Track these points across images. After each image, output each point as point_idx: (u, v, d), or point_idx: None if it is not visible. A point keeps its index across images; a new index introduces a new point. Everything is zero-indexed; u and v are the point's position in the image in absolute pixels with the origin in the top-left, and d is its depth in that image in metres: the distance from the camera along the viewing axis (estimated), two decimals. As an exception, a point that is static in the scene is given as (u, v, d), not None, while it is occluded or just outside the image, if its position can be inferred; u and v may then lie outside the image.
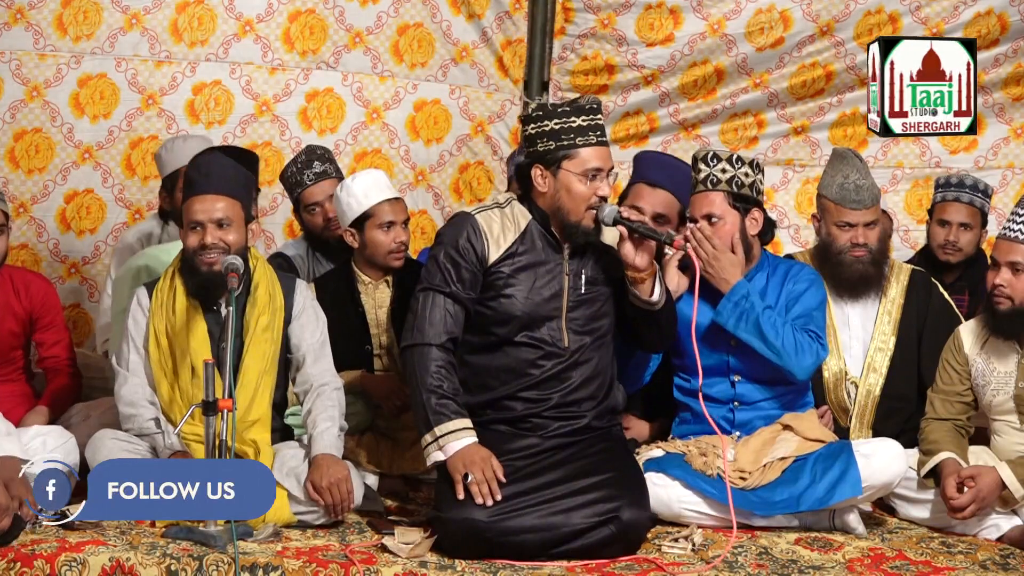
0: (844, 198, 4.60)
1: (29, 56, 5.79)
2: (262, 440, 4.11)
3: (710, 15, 6.03)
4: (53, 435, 4.19)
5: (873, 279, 4.69)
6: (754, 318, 4.26)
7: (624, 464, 4.04)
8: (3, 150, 5.77)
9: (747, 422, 4.37)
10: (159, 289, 4.21)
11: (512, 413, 4.04)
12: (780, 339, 4.26)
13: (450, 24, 6.12)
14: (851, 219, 4.61)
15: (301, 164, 5.07)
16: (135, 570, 3.68)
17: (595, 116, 3.98)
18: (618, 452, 4.09)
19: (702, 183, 4.37)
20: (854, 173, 4.61)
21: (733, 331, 4.29)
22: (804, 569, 3.82)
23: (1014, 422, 4.28)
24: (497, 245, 4.02)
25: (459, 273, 3.98)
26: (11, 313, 4.64)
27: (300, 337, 4.26)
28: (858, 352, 4.68)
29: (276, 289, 4.25)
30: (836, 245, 4.65)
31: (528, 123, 4.03)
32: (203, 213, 4.08)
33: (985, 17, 5.86)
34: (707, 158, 4.37)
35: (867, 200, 4.60)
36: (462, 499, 3.82)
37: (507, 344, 4.03)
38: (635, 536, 3.91)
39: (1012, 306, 4.20)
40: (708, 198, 4.36)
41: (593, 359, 4.07)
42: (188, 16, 5.91)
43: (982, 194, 5.24)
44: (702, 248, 4.32)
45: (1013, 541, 4.13)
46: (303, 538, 3.95)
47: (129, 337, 4.21)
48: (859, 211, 4.60)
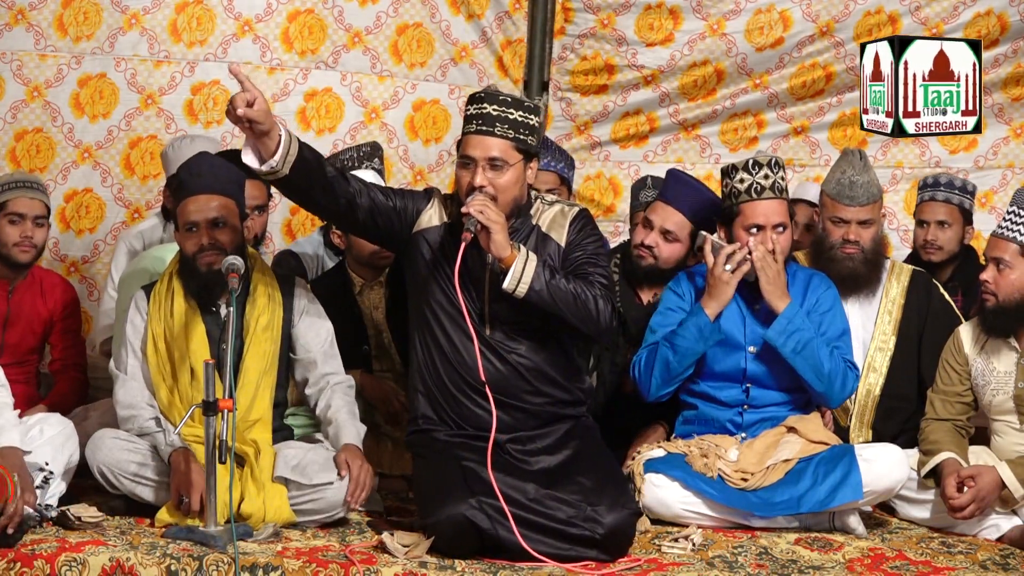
0: (839, 193, 4.61)
1: (30, 56, 5.79)
2: (263, 440, 4.11)
3: (710, 15, 6.03)
4: (50, 422, 4.15)
5: (863, 278, 4.67)
6: (808, 341, 4.26)
7: (600, 465, 4.00)
8: (4, 150, 5.77)
9: (754, 424, 4.37)
10: (156, 292, 4.21)
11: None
12: (829, 368, 4.27)
13: (449, 24, 6.12)
14: (844, 215, 4.61)
15: (363, 155, 5.06)
16: (135, 570, 3.67)
17: (479, 105, 3.96)
18: (592, 452, 4.04)
19: (769, 189, 4.33)
20: (851, 169, 4.61)
21: (786, 354, 4.26)
22: (804, 569, 3.82)
23: (1014, 422, 4.28)
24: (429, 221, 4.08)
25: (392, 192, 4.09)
26: (36, 315, 4.67)
27: (308, 339, 4.26)
28: (858, 351, 4.67)
29: (275, 288, 4.25)
30: (829, 240, 4.65)
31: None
32: (198, 213, 4.08)
33: (985, 17, 5.86)
34: (771, 164, 4.33)
35: (861, 197, 4.59)
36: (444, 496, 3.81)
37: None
38: (623, 538, 3.87)
39: (996, 303, 4.21)
40: (782, 207, 4.34)
41: (521, 350, 4.02)
42: (187, 16, 5.91)
43: (960, 191, 5.22)
44: (766, 262, 4.29)
45: (1013, 541, 4.13)
46: (303, 538, 3.95)
47: (127, 341, 4.21)
48: (852, 207, 4.60)
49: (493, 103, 3.95)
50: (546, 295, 3.88)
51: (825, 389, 4.30)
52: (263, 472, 4.03)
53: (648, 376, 4.36)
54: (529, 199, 4.09)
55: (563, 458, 4.02)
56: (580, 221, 4.09)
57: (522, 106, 3.98)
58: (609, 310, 3.95)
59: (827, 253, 4.66)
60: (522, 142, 3.96)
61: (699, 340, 4.28)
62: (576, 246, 4.05)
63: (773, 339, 4.28)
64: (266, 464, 4.04)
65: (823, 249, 4.68)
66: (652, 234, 4.64)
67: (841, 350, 4.34)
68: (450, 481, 3.85)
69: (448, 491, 3.82)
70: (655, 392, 4.38)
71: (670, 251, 4.62)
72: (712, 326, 4.28)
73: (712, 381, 4.42)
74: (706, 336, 4.28)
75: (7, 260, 4.64)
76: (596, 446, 4.10)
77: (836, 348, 4.32)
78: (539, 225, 4.07)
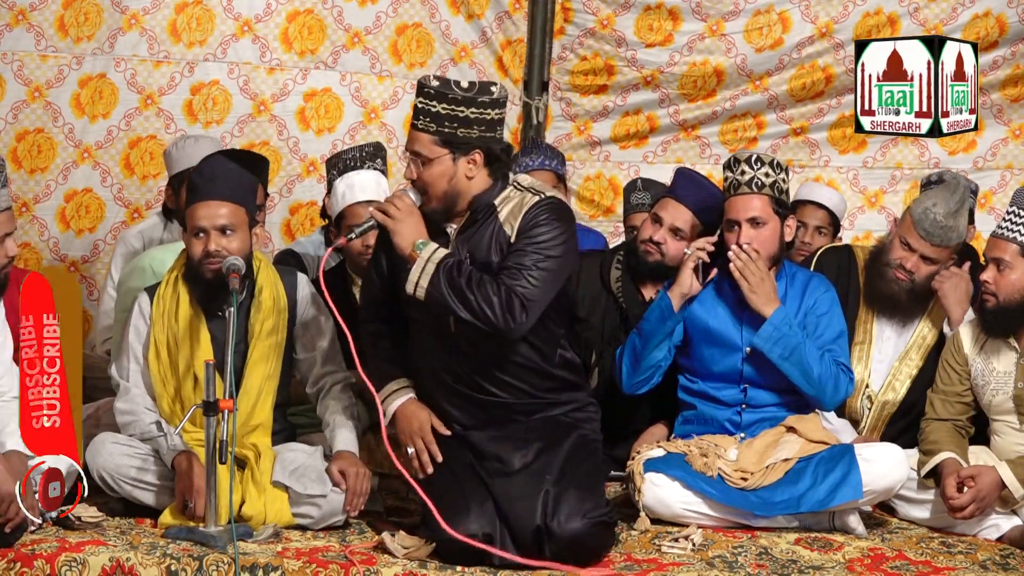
0: (919, 222, 4.52)
1: (31, 57, 5.79)
2: (263, 444, 4.11)
3: (709, 16, 6.03)
4: None
5: (901, 307, 4.61)
6: (795, 347, 4.26)
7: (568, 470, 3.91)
8: (6, 150, 5.76)
9: (753, 424, 4.37)
10: (160, 296, 4.19)
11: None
12: (818, 372, 4.27)
13: (449, 24, 6.12)
14: (913, 243, 4.54)
15: (367, 155, 5.06)
16: (135, 570, 3.68)
17: (423, 100, 3.88)
18: (568, 452, 3.96)
19: (746, 185, 4.33)
20: (942, 209, 4.49)
21: (774, 360, 4.27)
22: (804, 569, 3.83)
23: (1013, 422, 4.29)
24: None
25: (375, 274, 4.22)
26: None
27: (310, 341, 4.27)
28: (883, 370, 4.65)
29: (280, 292, 4.24)
30: (887, 256, 4.60)
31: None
32: (207, 219, 4.05)
33: (983, 19, 5.87)
34: (751, 160, 4.32)
35: (936, 237, 4.51)
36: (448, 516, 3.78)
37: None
38: (586, 546, 3.80)
39: (996, 303, 4.21)
40: (753, 201, 4.32)
41: (485, 344, 3.92)
42: (187, 16, 5.91)
43: None
44: (748, 270, 4.28)
45: (1013, 541, 4.13)
46: (303, 538, 3.95)
47: (129, 347, 4.20)
48: (924, 241, 4.53)
49: (419, 95, 3.88)
50: (441, 297, 3.79)
51: (816, 393, 4.31)
52: (263, 475, 4.03)
53: (620, 366, 4.43)
54: (500, 185, 3.96)
55: (535, 457, 3.93)
56: (535, 211, 3.88)
57: (446, 98, 3.83)
58: (517, 308, 3.78)
59: (880, 266, 4.62)
60: (448, 135, 3.85)
61: (659, 322, 4.33)
62: (523, 236, 3.86)
63: (760, 345, 4.29)
64: (266, 467, 4.04)
65: (879, 259, 4.64)
66: (661, 230, 4.64)
67: (834, 353, 4.34)
68: (453, 494, 3.86)
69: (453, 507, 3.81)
70: (627, 381, 4.42)
71: (677, 248, 4.61)
72: (671, 310, 4.31)
73: (711, 381, 4.43)
74: (666, 318, 4.32)
75: None
76: (575, 444, 3.99)
77: (829, 351, 4.33)
78: (498, 215, 3.94)
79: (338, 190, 4.71)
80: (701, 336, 4.41)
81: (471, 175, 3.91)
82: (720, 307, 4.40)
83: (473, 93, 3.87)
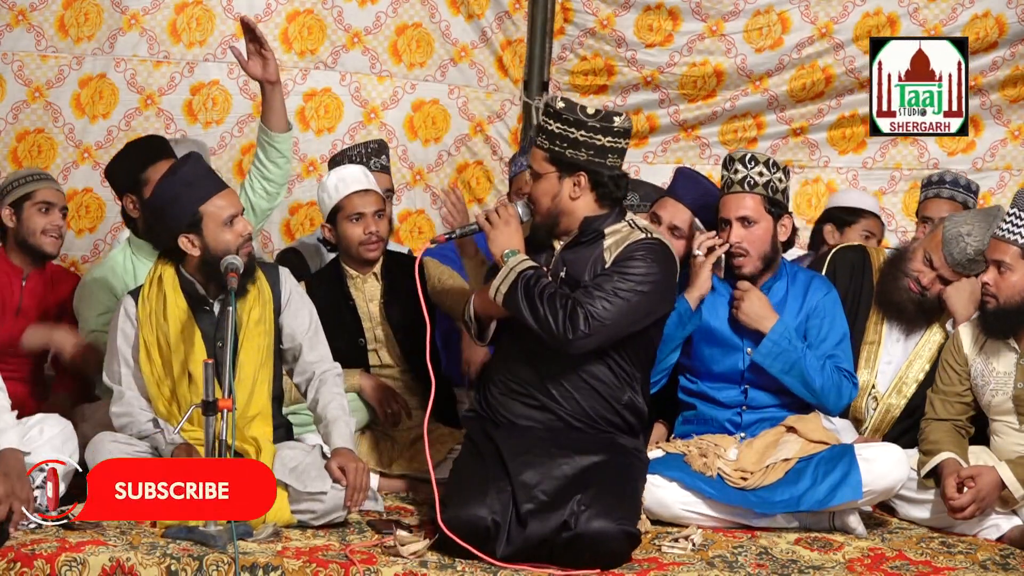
0: (948, 243, 4.52)
1: (31, 57, 5.80)
2: (263, 437, 4.09)
3: (709, 16, 6.03)
4: (50, 422, 4.13)
5: (907, 315, 4.62)
6: (795, 361, 4.27)
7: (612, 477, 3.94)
8: (6, 150, 5.78)
9: (753, 424, 4.37)
10: (146, 298, 4.15)
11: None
12: (820, 383, 4.28)
13: (449, 24, 6.12)
14: (936, 262, 4.55)
15: (370, 151, 5.06)
16: (135, 570, 3.67)
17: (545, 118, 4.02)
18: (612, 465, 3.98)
19: (739, 184, 4.34)
20: (976, 243, 4.47)
21: (775, 374, 4.29)
22: (804, 569, 3.83)
23: (1013, 422, 4.29)
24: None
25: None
26: (46, 307, 4.65)
27: (293, 327, 4.25)
28: (890, 371, 4.66)
29: (263, 281, 4.22)
30: (908, 265, 4.61)
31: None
32: (232, 207, 4.06)
33: (983, 19, 5.87)
34: (744, 159, 4.32)
35: (961, 267, 4.52)
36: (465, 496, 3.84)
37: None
38: (604, 548, 3.79)
39: (997, 305, 4.21)
40: (744, 200, 4.32)
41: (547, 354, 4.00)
42: (187, 16, 5.92)
43: (964, 189, 5.20)
44: (739, 299, 4.32)
45: (1013, 541, 4.13)
46: (303, 538, 3.94)
47: (118, 351, 4.18)
48: (948, 263, 4.53)
49: (543, 113, 4.03)
50: (514, 303, 3.92)
51: (819, 402, 4.33)
52: (264, 470, 4.03)
53: None
54: (615, 215, 4.06)
55: (586, 464, 3.95)
56: (636, 245, 3.98)
57: (560, 118, 3.96)
58: (580, 322, 3.86)
59: (897, 271, 4.63)
60: (557, 154, 3.98)
61: (679, 326, 4.31)
62: (615, 264, 3.98)
63: (760, 361, 4.30)
64: (267, 462, 4.03)
65: (898, 264, 4.64)
66: (660, 229, 4.64)
67: (836, 359, 4.34)
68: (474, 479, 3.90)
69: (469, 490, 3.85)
70: None
71: (677, 247, 4.61)
72: (691, 312, 4.31)
73: (711, 382, 4.43)
74: (685, 322, 4.31)
75: (33, 249, 4.61)
76: (622, 463, 4.02)
77: (831, 357, 4.33)
78: (603, 241, 4.03)
79: (329, 184, 4.71)
80: (702, 336, 4.41)
81: (575, 196, 4.01)
82: (721, 307, 4.40)
83: (585, 116, 3.97)
